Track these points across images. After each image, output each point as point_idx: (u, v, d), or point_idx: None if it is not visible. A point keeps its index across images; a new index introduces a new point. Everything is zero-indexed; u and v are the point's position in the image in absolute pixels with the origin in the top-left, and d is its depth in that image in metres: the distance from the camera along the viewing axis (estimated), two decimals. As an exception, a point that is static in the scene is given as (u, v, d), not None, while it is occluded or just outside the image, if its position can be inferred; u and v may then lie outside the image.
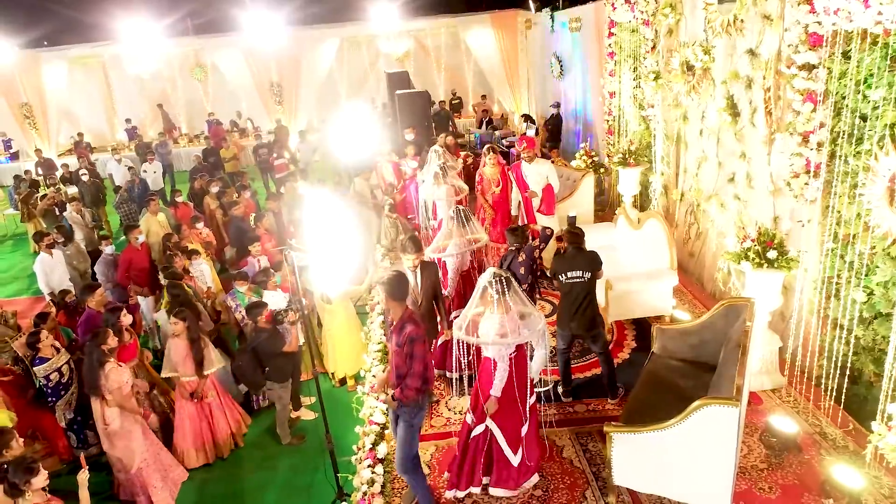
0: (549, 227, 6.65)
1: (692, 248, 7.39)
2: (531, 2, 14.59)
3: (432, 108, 13.89)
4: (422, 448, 4.56)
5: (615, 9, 8.64)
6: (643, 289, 6.28)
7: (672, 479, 3.98)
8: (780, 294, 5.05)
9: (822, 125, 4.69)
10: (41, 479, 3.42)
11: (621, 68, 9.08)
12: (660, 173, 8.16)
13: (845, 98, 4.48)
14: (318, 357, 6.22)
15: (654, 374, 4.86)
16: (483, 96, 17.07)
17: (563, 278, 5.09)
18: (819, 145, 4.73)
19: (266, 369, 5.30)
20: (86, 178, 11.24)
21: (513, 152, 11.34)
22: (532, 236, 6.44)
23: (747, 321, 4.29)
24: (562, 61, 12.54)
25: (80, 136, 16.50)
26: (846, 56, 4.43)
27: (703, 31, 6.51)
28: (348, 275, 5.19)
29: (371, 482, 4.53)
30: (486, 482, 4.38)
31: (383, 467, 4.72)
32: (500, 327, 3.93)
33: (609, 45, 9.14)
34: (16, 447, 3.89)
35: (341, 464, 4.54)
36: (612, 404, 5.32)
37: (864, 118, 4.37)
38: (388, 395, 4.12)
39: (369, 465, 4.68)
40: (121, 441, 4.66)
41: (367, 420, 5.18)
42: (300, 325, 5.33)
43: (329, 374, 6.22)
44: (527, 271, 5.64)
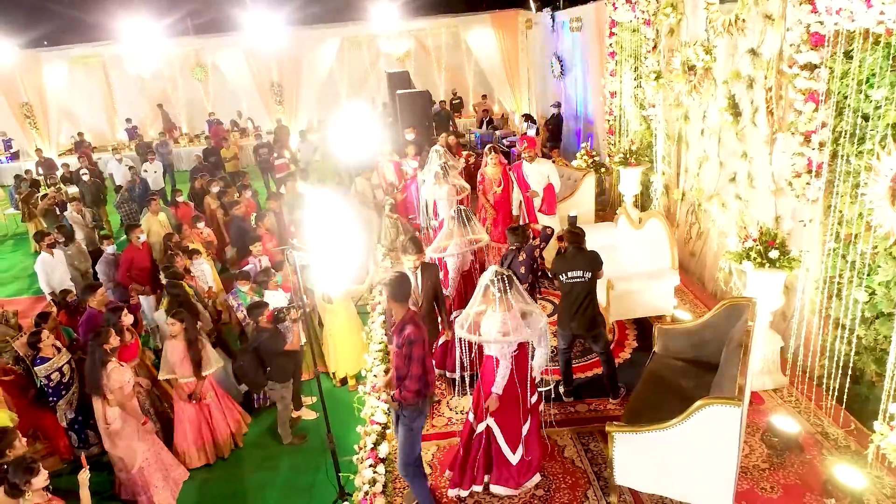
0: (549, 227, 6.64)
1: (693, 248, 7.39)
2: (532, 1, 14.58)
3: (433, 108, 13.89)
4: (423, 448, 4.55)
5: (616, 8, 8.63)
6: (644, 288, 6.27)
7: (674, 479, 3.97)
8: (782, 294, 5.05)
9: (823, 125, 4.68)
10: (41, 479, 3.41)
11: (622, 68, 9.08)
12: (661, 173, 8.16)
13: (847, 98, 4.48)
14: (319, 356, 6.21)
15: (656, 374, 4.86)
16: (483, 96, 17.08)
17: (563, 278, 5.09)
18: (821, 145, 4.72)
19: (268, 369, 5.30)
20: (86, 177, 11.25)
21: (513, 152, 11.34)
22: (533, 236, 6.44)
23: (749, 321, 4.28)
24: (562, 61, 12.54)
25: (80, 135, 16.50)
26: (848, 56, 4.43)
27: (704, 31, 6.51)
28: (350, 274, 5.18)
29: (373, 482, 4.53)
30: (486, 480, 4.38)
31: (385, 467, 4.71)
32: (503, 325, 3.93)
33: (610, 44, 9.14)
34: (19, 447, 3.89)
35: (343, 463, 4.54)
36: (614, 404, 5.32)
37: (865, 118, 4.37)
38: (389, 395, 4.12)
39: (371, 465, 4.67)
40: (122, 440, 4.66)
41: (368, 420, 5.18)
42: (301, 324, 5.33)
43: (330, 374, 6.22)
44: (527, 271, 5.64)
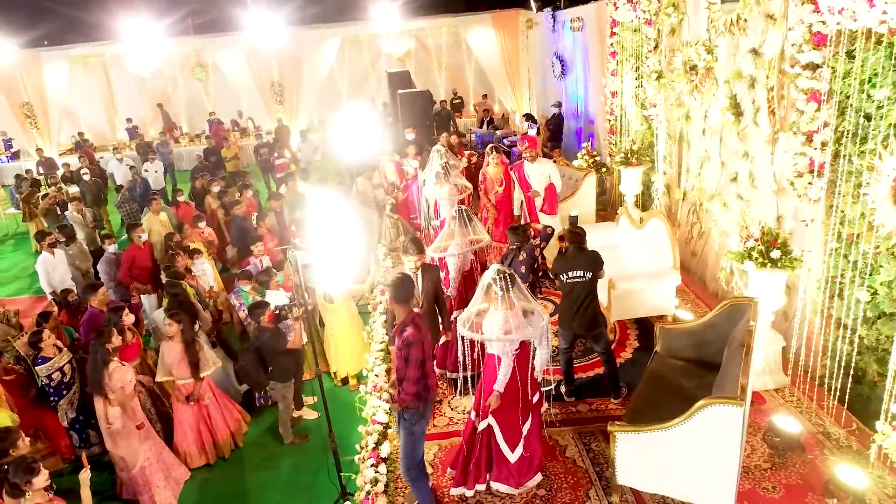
0: (549, 226, 6.64)
1: (694, 248, 7.38)
2: (532, 1, 14.58)
3: (433, 108, 13.89)
4: (425, 447, 4.54)
5: (617, 8, 8.63)
6: (646, 288, 6.27)
7: (676, 479, 3.97)
8: (784, 294, 5.04)
9: (825, 124, 4.68)
10: (42, 479, 3.41)
11: (623, 68, 9.07)
12: (662, 173, 8.16)
13: (849, 97, 4.48)
14: (321, 356, 6.21)
15: (658, 374, 4.86)
16: (484, 96, 17.08)
17: (564, 278, 5.08)
18: (823, 145, 4.72)
19: (269, 369, 5.29)
20: (87, 177, 11.25)
21: (514, 152, 11.33)
22: (534, 235, 6.44)
23: (751, 321, 4.28)
24: (563, 61, 12.54)
25: (80, 135, 16.49)
26: (850, 55, 4.42)
27: (705, 31, 6.51)
28: (351, 274, 5.18)
29: (374, 481, 4.52)
30: (488, 478, 4.38)
31: (386, 466, 4.71)
32: (505, 323, 3.93)
33: (611, 44, 9.14)
34: (22, 447, 3.89)
35: (344, 463, 4.54)
36: (615, 404, 5.32)
37: (868, 117, 4.37)
38: (390, 396, 4.12)
39: (373, 465, 4.67)
40: (123, 440, 4.66)
41: (369, 419, 5.17)
42: (303, 322, 5.32)
43: (331, 374, 6.22)
44: (527, 270, 5.64)
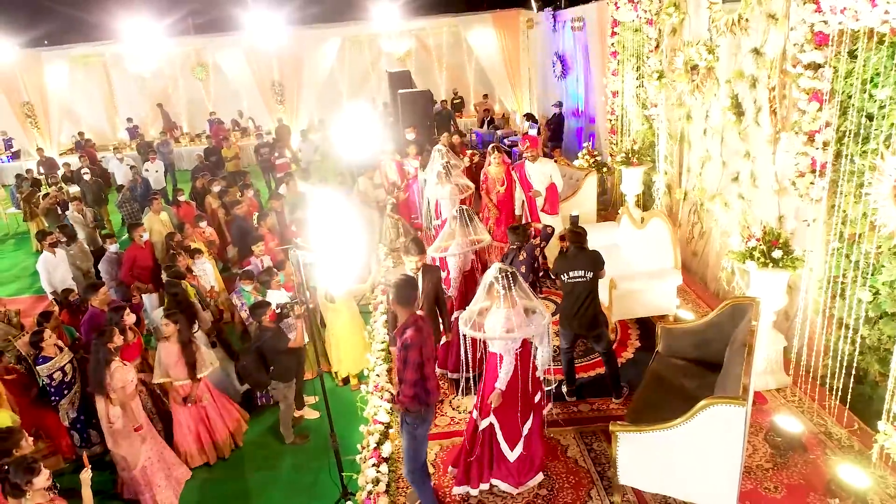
0: (549, 226, 6.64)
1: (696, 248, 7.38)
2: (533, 1, 14.57)
3: (434, 108, 13.88)
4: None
5: (618, 8, 8.63)
6: (647, 288, 6.27)
7: (678, 479, 3.97)
8: (785, 293, 5.04)
9: (827, 124, 4.68)
10: (42, 479, 3.40)
11: (624, 67, 9.07)
12: (663, 172, 8.15)
13: (851, 97, 4.47)
14: (322, 355, 6.21)
15: (659, 374, 4.86)
16: (485, 95, 17.08)
17: (565, 278, 5.08)
18: (825, 144, 4.72)
19: (271, 368, 5.29)
20: (87, 177, 11.24)
21: (515, 152, 11.33)
22: (535, 235, 6.43)
23: (752, 321, 4.28)
24: (564, 61, 12.53)
25: (80, 135, 16.49)
26: (852, 55, 4.42)
27: (707, 31, 6.50)
28: (352, 273, 5.17)
29: (376, 481, 4.52)
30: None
31: (388, 466, 4.71)
32: (507, 322, 3.92)
33: (612, 44, 9.14)
34: (26, 447, 3.89)
35: (345, 463, 4.54)
36: (616, 404, 5.32)
37: (870, 117, 4.36)
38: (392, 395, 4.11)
39: (374, 464, 4.67)
40: (125, 440, 4.65)
41: (371, 419, 5.17)
42: (304, 321, 5.31)
43: (332, 374, 6.22)
44: (528, 270, 5.64)
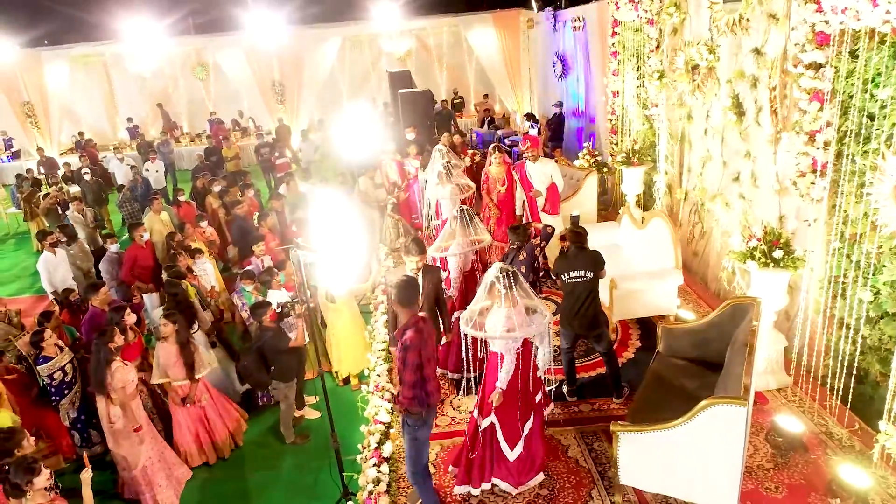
0: (549, 226, 6.63)
1: (696, 248, 7.38)
2: (533, 1, 14.57)
3: (434, 108, 13.87)
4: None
5: (619, 8, 8.62)
6: (647, 288, 6.27)
7: (679, 479, 3.96)
8: (786, 293, 5.04)
9: (828, 124, 4.67)
10: (43, 479, 3.40)
11: (625, 67, 9.07)
12: (664, 172, 8.15)
13: (852, 97, 4.47)
14: (323, 355, 6.21)
15: (660, 374, 4.85)
16: (485, 95, 17.09)
17: (565, 277, 5.08)
18: (826, 144, 4.71)
19: (272, 368, 5.28)
20: (88, 177, 11.24)
21: (515, 151, 11.33)
22: (535, 234, 6.43)
23: (753, 321, 4.28)
24: (564, 60, 12.53)
25: (80, 135, 16.48)
26: (853, 55, 4.42)
27: (707, 31, 6.50)
28: (353, 273, 5.17)
29: (377, 481, 4.52)
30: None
31: (389, 466, 4.71)
32: (508, 321, 3.92)
33: (612, 44, 9.13)
34: (27, 447, 3.89)
35: (346, 463, 4.54)
36: (617, 404, 5.31)
37: (871, 117, 4.36)
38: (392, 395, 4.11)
39: (375, 464, 4.67)
40: (125, 440, 4.65)
41: (371, 419, 5.17)
42: (305, 321, 5.31)
43: (333, 374, 6.21)
44: (528, 269, 5.63)
